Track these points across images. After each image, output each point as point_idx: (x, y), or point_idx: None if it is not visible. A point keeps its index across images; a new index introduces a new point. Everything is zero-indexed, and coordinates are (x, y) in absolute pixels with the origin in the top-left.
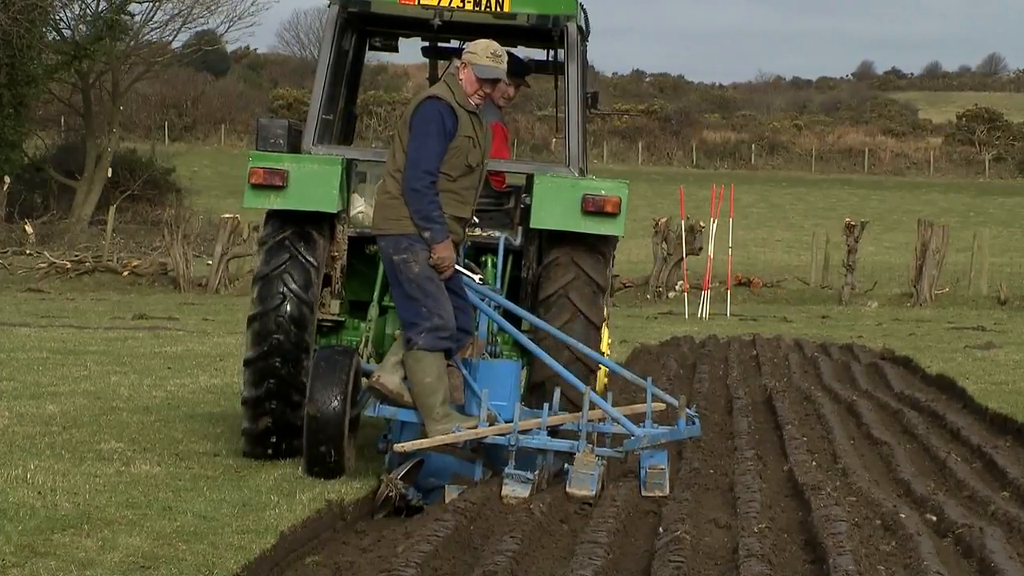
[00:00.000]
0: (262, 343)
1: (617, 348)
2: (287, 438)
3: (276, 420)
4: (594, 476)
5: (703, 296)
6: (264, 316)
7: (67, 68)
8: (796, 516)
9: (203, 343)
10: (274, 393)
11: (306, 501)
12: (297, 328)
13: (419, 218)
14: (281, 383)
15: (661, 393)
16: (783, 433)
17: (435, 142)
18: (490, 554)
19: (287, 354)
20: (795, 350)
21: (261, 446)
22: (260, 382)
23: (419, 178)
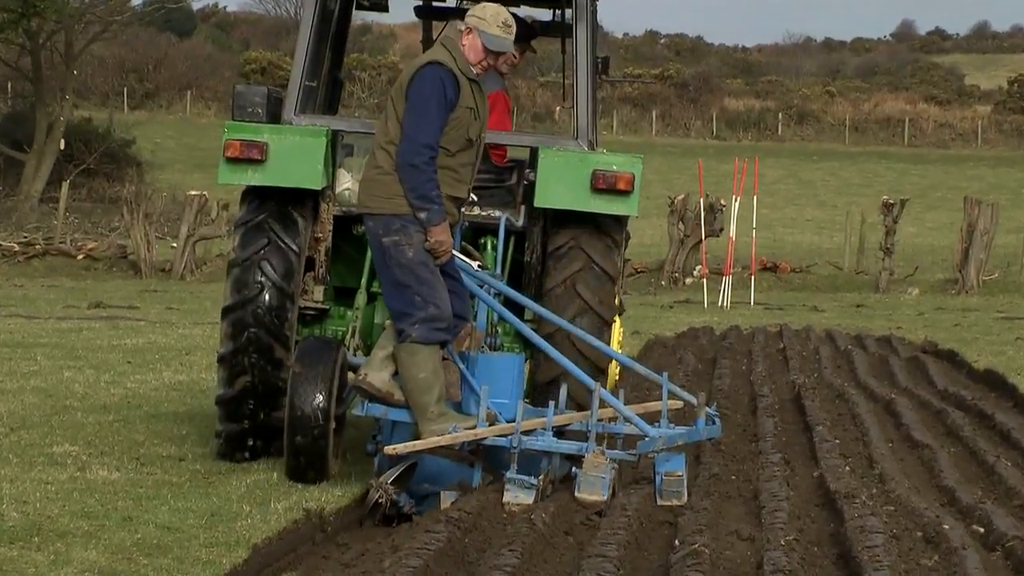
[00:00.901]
0: (238, 337)
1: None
2: (266, 440)
3: (254, 421)
4: (605, 480)
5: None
6: (240, 308)
7: (14, 27)
8: (827, 527)
9: (167, 335)
10: (251, 392)
11: (282, 510)
12: (276, 321)
13: (415, 197)
14: (259, 381)
15: (678, 390)
16: (813, 435)
17: (436, 113)
18: (487, 569)
19: (265, 350)
20: (826, 342)
21: (237, 449)
22: (236, 380)
23: (418, 152)
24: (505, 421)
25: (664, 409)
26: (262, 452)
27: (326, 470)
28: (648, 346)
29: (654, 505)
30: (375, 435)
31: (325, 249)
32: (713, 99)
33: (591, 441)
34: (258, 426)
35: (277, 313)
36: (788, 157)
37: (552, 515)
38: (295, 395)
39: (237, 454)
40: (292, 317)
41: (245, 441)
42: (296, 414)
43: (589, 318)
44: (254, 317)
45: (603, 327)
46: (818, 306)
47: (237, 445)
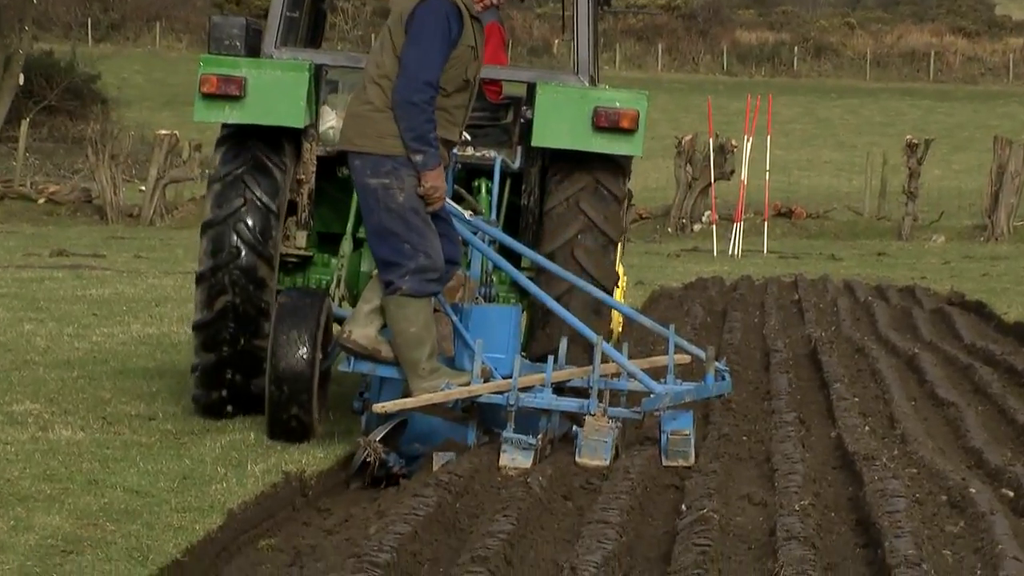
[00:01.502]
0: (213, 305)
1: (633, 291)
2: (245, 409)
3: (232, 391)
4: (607, 444)
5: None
6: (215, 274)
7: None
8: (845, 491)
9: (135, 285)
10: (229, 362)
11: (259, 473)
12: (254, 287)
13: (412, 137)
14: (237, 351)
15: (685, 344)
16: (830, 393)
17: (439, 49)
18: (480, 536)
19: (243, 318)
20: (845, 294)
21: (213, 416)
22: (212, 350)
23: (419, 90)
24: (501, 377)
25: (670, 364)
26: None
27: (310, 429)
28: (653, 298)
29: (659, 467)
30: (362, 392)
31: (308, 192)
32: (724, 31)
33: (593, 398)
34: (237, 395)
35: (255, 279)
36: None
37: (550, 478)
38: (277, 350)
39: (212, 418)
40: (271, 282)
41: (223, 409)
42: (278, 370)
43: (593, 237)
44: (230, 284)
45: (609, 248)
46: (836, 254)
47: (214, 413)
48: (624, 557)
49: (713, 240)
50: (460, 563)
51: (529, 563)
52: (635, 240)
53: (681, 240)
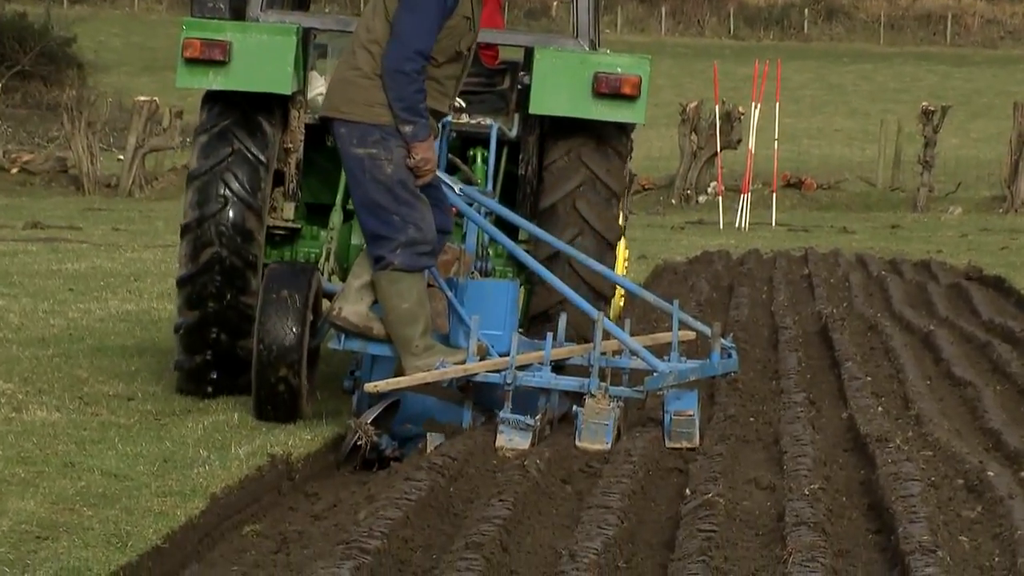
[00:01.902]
0: (199, 258)
1: (635, 265)
2: (231, 374)
3: (217, 353)
4: (608, 427)
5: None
6: (201, 225)
7: None
8: (857, 475)
9: (113, 259)
10: (214, 320)
11: (243, 456)
12: (242, 239)
13: (402, 107)
14: (223, 308)
15: (690, 319)
16: (841, 372)
17: (434, 17)
18: (474, 522)
19: (230, 272)
20: (857, 268)
21: (198, 382)
22: (197, 306)
23: (410, 59)
24: (498, 355)
25: (675, 341)
26: (226, 387)
27: (298, 410)
28: (657, 272)
29: (663, 449)
30: (353, 370)
31: (296, 161)
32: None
33: (594, 377)
34: (222, 357)
35: (243, 231)
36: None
37: (548, 461)
38: (264, 327)
39: (198, 388)
40: (260, 236)
41: (207, 374)
42: (265, 348)
43: (590, 239)
44: (217, 235)
45: (606, 249)
46: (848, 227)
47: (198, 378)
48: (625, 543)
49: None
50: (454, 550)
51: (526, 550)
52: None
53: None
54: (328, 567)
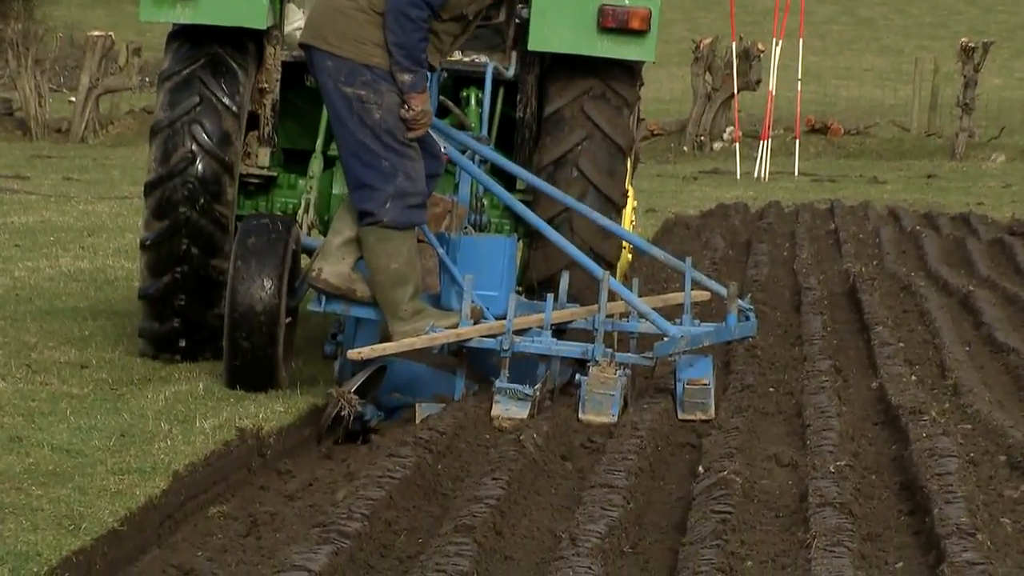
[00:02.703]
0: (165, 218)
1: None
2: (201, 343)
3: (186, 320)
4: (615, 397)
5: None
6: (167, 182)
7: None
8: (888, 451)
9: (64, 212)
10: (182, 286)
11: (209, 430)
12: (212, 198)
13: (403, 55)
14: (192, 273)
15: (704, 279)
16: (871, 337)
17: None
18: (464, 502)
19: (199, 233)
20: (889, 222)
21: (165, 350)
22: (163, 272)
23: (416, 5)
24: (494, 318)
25: (687, 302)
26: (197, 354)
27: (274, 378)
28: (667, 227)
29: (674, 422)
30: (335, 334)
31: (272, 103)
32: None
33: (598, 342)
34: (191, 326)
35: (212, 188)
36: None
37: (546, 436)
38: (237, 286)
39: (163, 355)
40: (231, 193)
41: (175, 343)
42: (238, 309)
43: (593, 199)
44: (184, 194)
45: (612, 210)
46: (879, 177)
47: (165, 347)
48: (632, 526)
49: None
50: (442, 533)
51: (522, 533)
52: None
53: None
54: (303, 552)
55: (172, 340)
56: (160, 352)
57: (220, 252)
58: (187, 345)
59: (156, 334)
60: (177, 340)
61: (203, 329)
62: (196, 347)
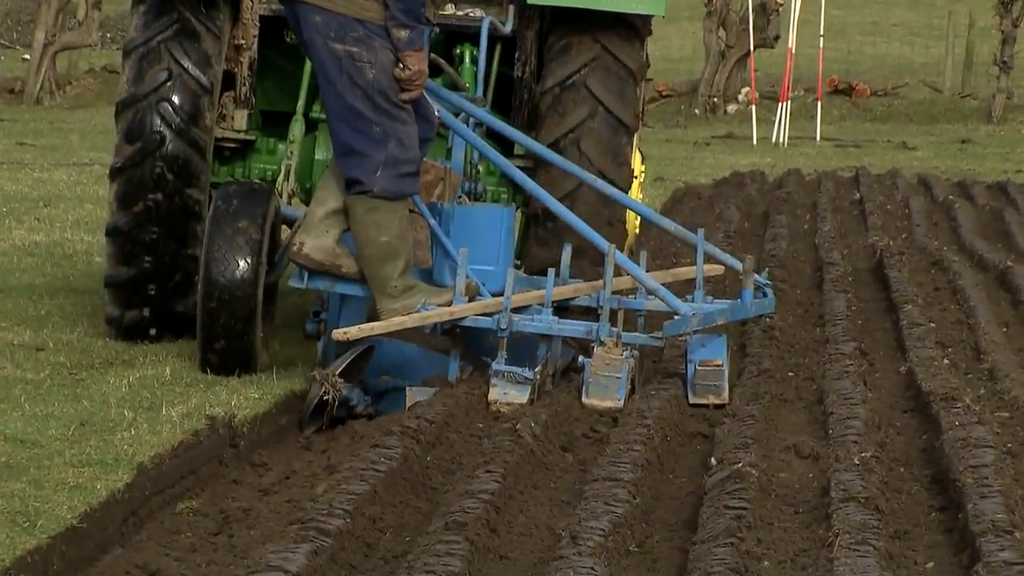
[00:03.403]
0: (132, 205)
1: (651, 189)
2: (174, 331)
3: (156, 309)
4: (621, 380)
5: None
6: (134, 165)
7: None
8: (918, 441)
9: (18, 180)
10: (152, 275)
11: (177, 418)
12: (184, 183)
13: (401, 8)
14: (162, 263)
15: (718, 252)
16: (900, 317)
17: None
18: (456, 496)
19: (169, 220)
20: (920, 192)
21: (133, 337)
22: (130, 261)
23: None
24: (490, 295)
25: (699, 277)
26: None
27: (252, 360)
28: (676, 197)
29: (683, 410)
30: (317, 312)
31: (249, 61)
32: None
33: (603, 321)
34: (162, 315)
35: (183, 172)
36: None
37: (545, 424)
38: (211, 261)
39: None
40: (204, 176)
41: (145, 332)
42: (212, 286)
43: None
44: (153, 178)
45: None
46: (908, 142)
47: (134, 335)
48: (638, 523)
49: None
50: (431, 531)
51: (518, 531)
52: (654, 125)
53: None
54: (280, 551)
55: (141, 329)
56: (127, 338)
57: (192, 239)
58: (157, 332)
59: (123, 324)
60: (147, 329)
61: (174, 318)
62: (168, 332)
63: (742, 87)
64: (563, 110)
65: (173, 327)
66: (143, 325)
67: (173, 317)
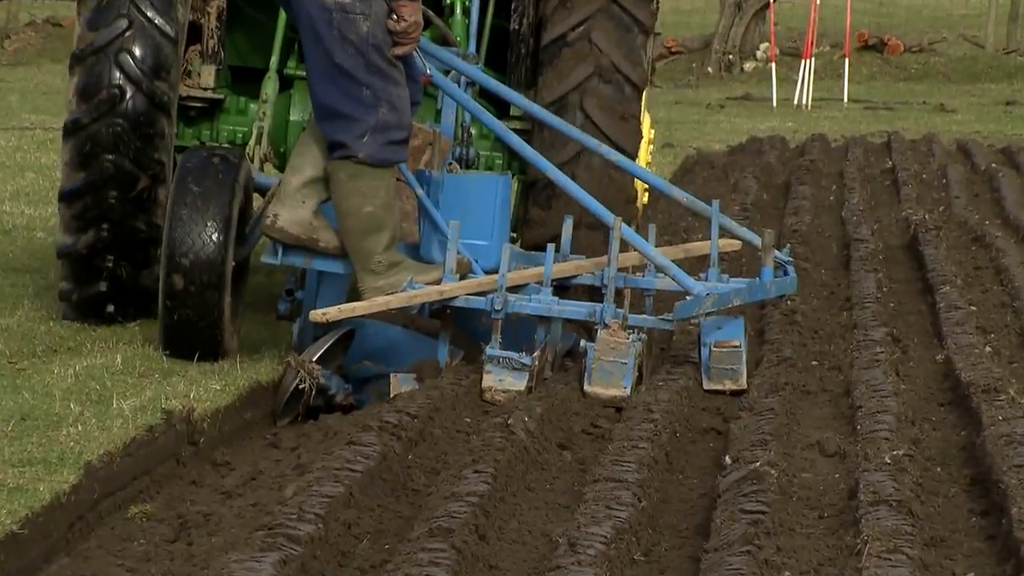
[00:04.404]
0: (88, 168)
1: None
2: (135, 307)
3: (115, 283)
4: (627, 366)
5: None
6: (91, 124)
7: None
8: (956, 437)
9: None
10: (110, 246)
11: (129, 412)
12: (144, 141)
13: None
14: (121, 231)
15: (734, 225)
16: (936, 299)
17: None
18: (440, 500)
19: (129, 184)
20: (959, 159)
21: (90, 315)
22: (87, 229)
23: None
24: (483, 272)
25: (713, 253)
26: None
27: (219, 343)
28: (687, 166)
29: (694, 403)
30: (291, 291)
31: (217, 11)
32: None
33: (608, 302)
34: (121, 289)
35: (145, 130)
36: None
37: (540, 419)
38: (175, 233)
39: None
40: (168, 135)
41: (102, 308)
42: (176, 261)
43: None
44: (112, 138)
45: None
46: (946, 104)
47: (90, 312)
48: (644, 529)
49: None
50: (413, 538)
51: (510, 537)
52: (662, 85)
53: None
54: (244, 560)
55: (98, 305)
56: (85, 318)
57: (155, 207)
58: (117, 311)
59: (79, 298)
60: (104, 305)
61: (135, 293)
62: (127, 313)
63: (760, 42)
64: (564, 67)
65: (133, 303)
66: (100, 301)
67: (133, 292)
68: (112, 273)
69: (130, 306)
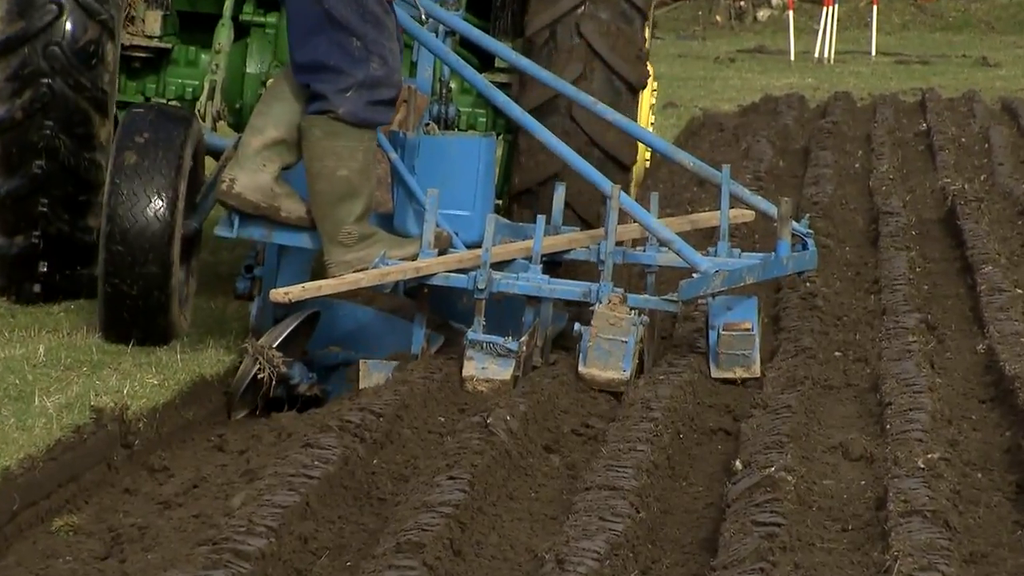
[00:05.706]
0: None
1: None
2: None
3: (49, 235)
4: (627, 345)
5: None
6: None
7: None
8: (999, 439)
9: None
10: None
11: (54, 410)
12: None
13: None
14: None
15: (746, 193)
16: (976, 279)
17: None
18: (409, 510)
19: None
20: (1003, 121)
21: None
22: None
23: None
24: (465, 247)
25: (723, 226)
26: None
27: (169, 327)
28: (692, 128)
29: (700, 399)
30: (250, 267)
31: None
32: None
33: (605, 279)
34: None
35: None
36: None
37: (524, 418)
38: (117, 202)
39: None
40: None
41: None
42: (118, 233)
43: (602, 82)
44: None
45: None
46: (988, 58)
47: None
48: (642, 544)
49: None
50: (378, 554)
51: (489, 553)
52: (664, 36)
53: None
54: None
55: (28, 263)
56: (10, 279)
57: (95, 141)
58: (50, 270)
59: (6, 253)
60: (36, 263)
61: (73, 247)
62: (63, 274)
63: None
64: None
65: (72, 260)
66: (30, 257)
67: (71, 247)
68: (46, 221)
69: (67, 263)
